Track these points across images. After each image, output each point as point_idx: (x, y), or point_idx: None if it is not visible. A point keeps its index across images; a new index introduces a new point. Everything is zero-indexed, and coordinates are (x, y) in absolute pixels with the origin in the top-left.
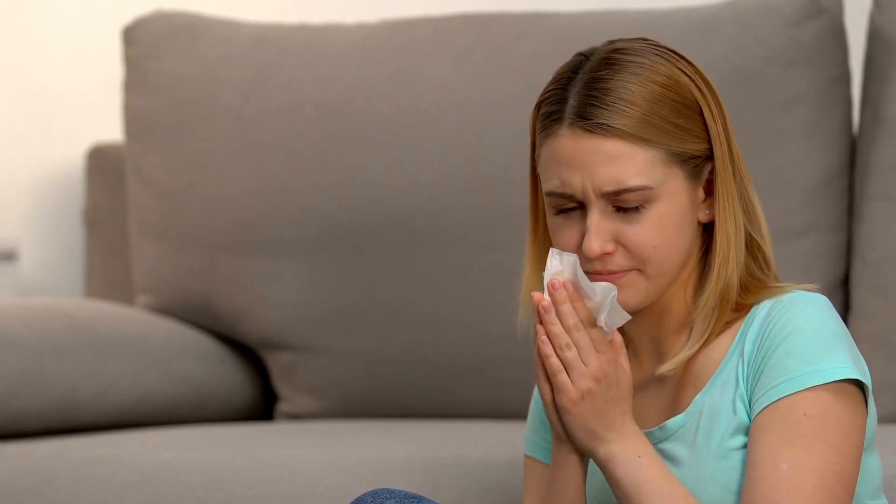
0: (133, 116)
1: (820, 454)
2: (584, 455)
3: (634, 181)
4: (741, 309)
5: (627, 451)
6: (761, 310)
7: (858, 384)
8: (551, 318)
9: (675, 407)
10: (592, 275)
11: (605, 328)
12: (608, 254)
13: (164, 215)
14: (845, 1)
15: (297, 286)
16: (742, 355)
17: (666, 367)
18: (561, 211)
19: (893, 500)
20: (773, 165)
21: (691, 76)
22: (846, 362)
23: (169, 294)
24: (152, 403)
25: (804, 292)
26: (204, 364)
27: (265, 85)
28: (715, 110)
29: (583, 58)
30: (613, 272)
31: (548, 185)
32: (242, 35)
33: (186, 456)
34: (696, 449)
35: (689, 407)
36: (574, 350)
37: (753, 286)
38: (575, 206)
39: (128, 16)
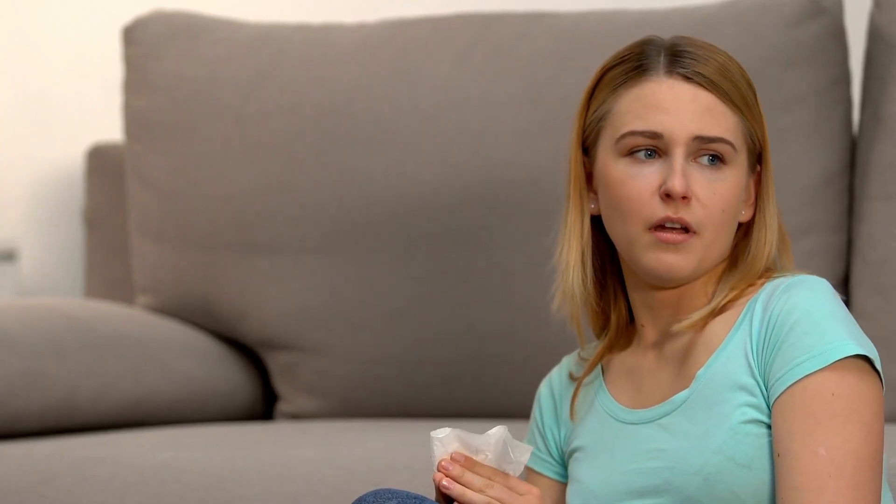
0: (133, 116)
1: (854, 434)
2: None
3: (726, 134)
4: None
5: None
6: (764, 290)
7: (870, 364)
8: (459, 489)
9: (680, 382)
10: (665, 226)
11: (514, 471)
12: (686, 199)
13: (164, 215)
14: (845, 1)
15: (297, 286)
16: (749, 334)
17: (681, 325)
18: (632, 153)
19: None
20: (774, 165)
21: None
22: (862, 339)
23: (169, 294)
24: (152, 403)
25: (806, 275)
26: (204, 364)
27: (265, 85)
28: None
29: (648, 38)
30: (685, 224)
31: (628, 126)
32: (242, 35)
33: (186, 456)
34: (698, 421)
35: (692, 381)
36: None
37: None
38: (650, 151)
39: (128, 16)
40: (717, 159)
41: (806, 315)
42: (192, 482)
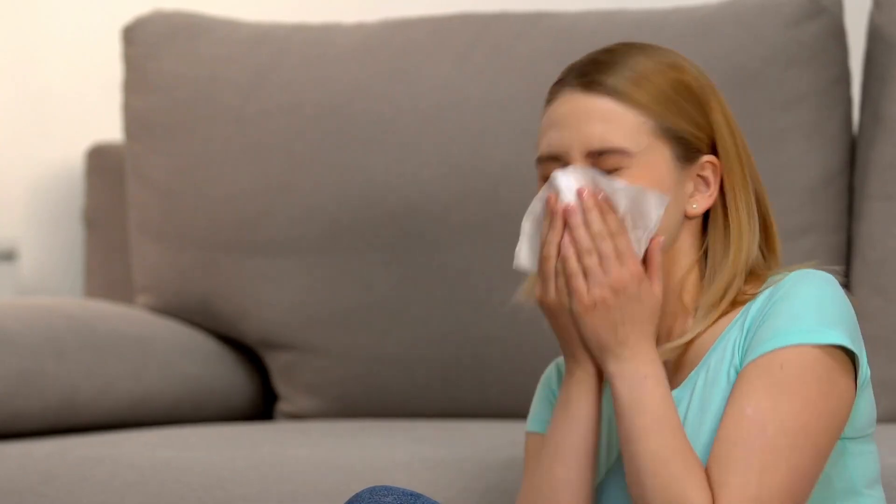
0: (133, 116)
1: (787, 402)
2: (598, 372)
3: (620, 142)
4: (742, 303)
5: (635, 371)
6: (765, 290)
7: (851, 359)
8: (577, 220)
9: (675, 385)
10: None
11: (646, 227)
12: None
13: (164, 215)
14: (845, 1)
15: (297, 286)
16: (742, 328)
17: (663, 350)
18: (546, 179)
19: (893, 499)
20: (773, 165)
21: (696, 68)
22: (838, 330)
23: (169, 294)
24: (152, 403)
25: (811, 269)
26: (204, 364)
27: (265, 85)
28: (716, 105)
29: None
30: None
31: (538, 152)
32: (242, 35)
33: (186, 456)
34: (687, 421)
35: (684, 381)
36: (596, 257)
37: (756, 277)
38: None
39: (128, 16)
40: (613, 171)
41: (786, 301)
42: (192, 482)
